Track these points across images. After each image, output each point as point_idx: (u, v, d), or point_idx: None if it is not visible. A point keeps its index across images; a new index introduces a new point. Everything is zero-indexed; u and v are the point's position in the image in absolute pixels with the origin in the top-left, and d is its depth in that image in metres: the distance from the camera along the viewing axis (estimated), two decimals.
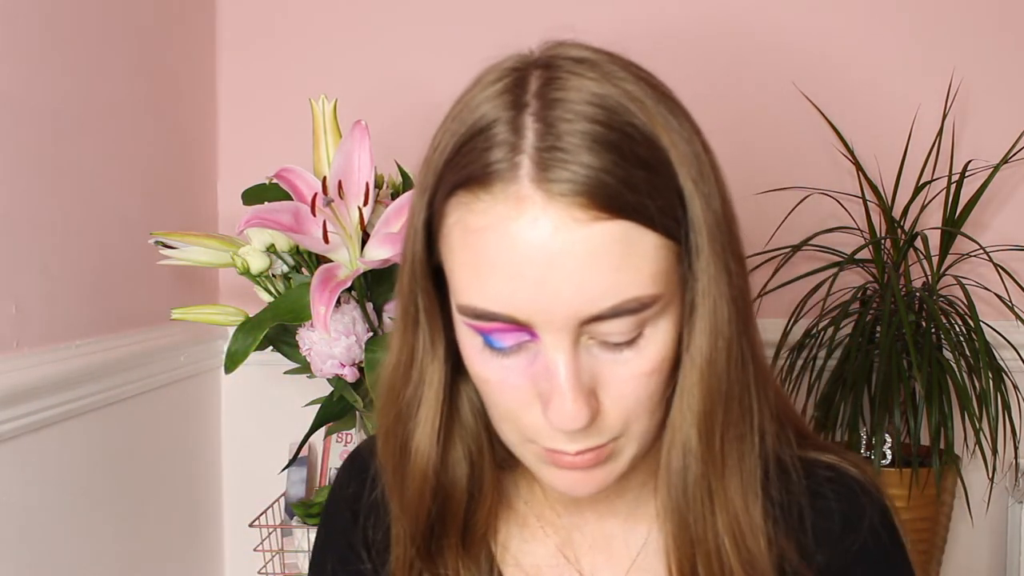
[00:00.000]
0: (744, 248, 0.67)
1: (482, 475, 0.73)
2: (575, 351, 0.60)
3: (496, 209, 0.59)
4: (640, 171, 0.59)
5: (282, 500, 1.63)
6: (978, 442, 1.41)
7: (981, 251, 1.50)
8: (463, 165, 0.61)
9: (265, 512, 1.56)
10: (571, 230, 0.57)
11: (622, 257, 0.58)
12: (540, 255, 0.58)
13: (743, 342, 0.66)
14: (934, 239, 1.55)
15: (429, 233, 0.65)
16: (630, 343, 0.61)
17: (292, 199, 1.24)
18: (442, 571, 0.73)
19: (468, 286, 0.61)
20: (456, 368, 0.69)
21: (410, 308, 0.68)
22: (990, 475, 1.44)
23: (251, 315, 1.28)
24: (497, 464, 0.74)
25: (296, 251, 1.30)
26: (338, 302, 1.21)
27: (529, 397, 0.63)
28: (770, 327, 1.55)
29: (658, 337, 0.62)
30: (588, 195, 0.57)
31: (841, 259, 1.56)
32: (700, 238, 0.62)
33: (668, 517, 0.68)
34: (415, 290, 0.67)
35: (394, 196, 1.29)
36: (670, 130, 0.62)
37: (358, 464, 0.83)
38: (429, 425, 0.69)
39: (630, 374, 0.62)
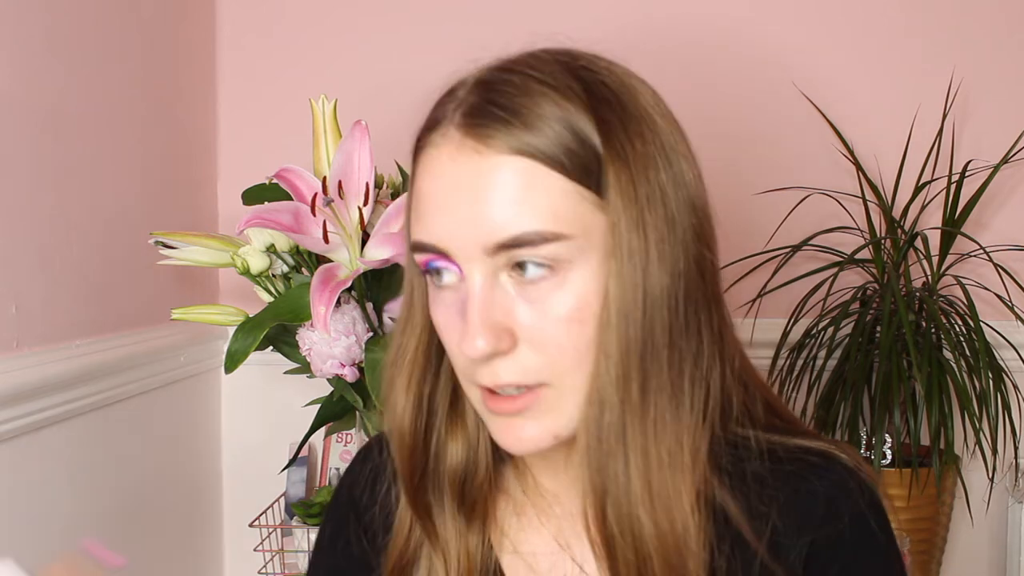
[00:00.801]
0: (704, 224, 0.70)
1: (477, 457, 0.76)
2: (490, 284, 0.66)
3: (430, 152, 0.68)
4: (553, 121, 0.65)
5: (282, 500, 1.63)
6: (978, 442, 1.41)
7: (981, 251, 1.50)
8: (423, 125, 0.71)
9: (265, 512, 1.56)
10: (478, 163, 0.65)
11: (523, 191, 0.64)
12: (454, 186, 0.66)
13: (678, 304, 0.67)
14: (934, 239, 1.55)
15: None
16: (541, 283, 0.65)
17: (292, 199, 1.24)
18: (439, 534, 0.77)
19: (413, 224, 0.69)
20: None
21: (407, 278, 0.75)
22: (990, 475, 1.44)
23: (251, 315, 1.28)
24: (496, 452, 0.77)
25: (296, 251, 1.30)
26: (338, 302, 1.21)
27: (461, 335, 0.67)
28: (770, 327, 1.55)
29: (574, 282, 0.65)
30: (495, 132, 0.65)
31: (841, 259, 1.56)
32: (615, 194, 0.65)
33: (583, 463, 0.69)
34: (408, 260, 0.73)
35: (394, 196, 1.29)
36: (604, 101, 0.67)
37: (366, 451, 0.87)
38: (404, 387, 0.74)
39: (544, 316, 0.65)
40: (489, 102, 0.66)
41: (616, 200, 0.65)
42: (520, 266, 0.65)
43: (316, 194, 1.20)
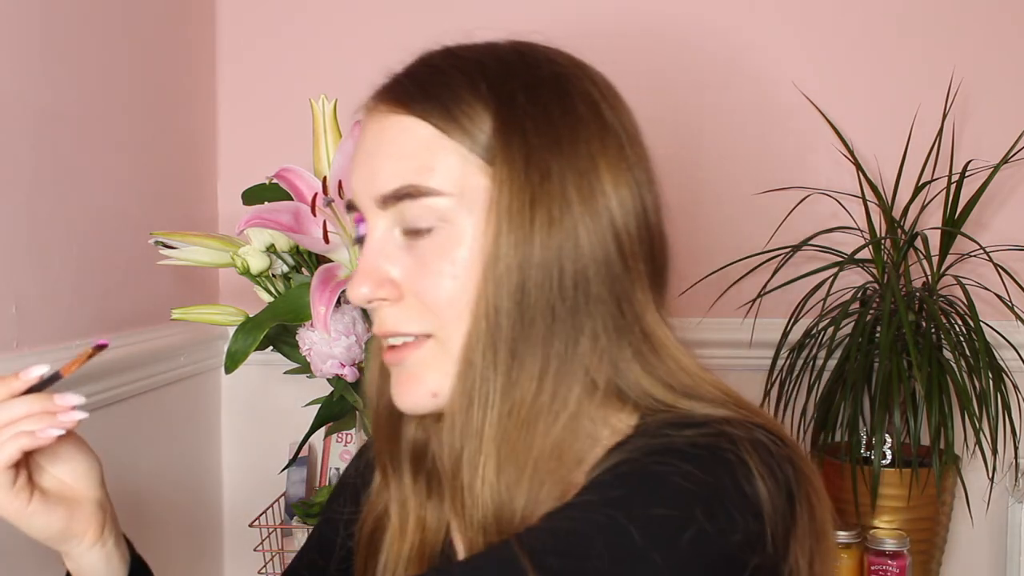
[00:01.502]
0: (622, 229, 0.69)
1: (428, 433, 0.80)
2: (383, 236, 0.70)
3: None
4: (450, 89, 0.69)
5: (282, 500, 1.63)
6: (978, 442, 1.41)
7: (981, 251, 1.50)
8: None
9: (265, 512, 1.56)
10: (376, 121, 0.72)
11: (406, 146, 0.69)
12: (362, 146, 0.72)
13: (556, 283, 0.67)
14: (934, 239, 1.55)
15: None
16: (423, 235, 0.69)
17: (292, 199, 1.24)
18: (398, 499, 0.80)
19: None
20: None
21: None
22: (990, 475, 1.44)
23: (251, 315, 1.28)
24: None
25: (296, 251, 1.30)
26: (338, 302, 1.21)
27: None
28: (770, 327, 1.55)
29: (452, 238, 0.68)
30: (391, 92, 0.72)
31: (841, 259, 1.56)
32: (501, 164, 0.68)
33: (447, 420, 0.70)
34: None
35: None
36: (509, 89, 0.69)
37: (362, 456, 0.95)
38: (374, 361, 0.79)
39: (426, 268, 0.69)
40: (407, 75, 0.73)
41: (502, 169, 0.68)
42: (410, 222, 0.69)
43: (316, 194, 1.20)
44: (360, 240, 0.73)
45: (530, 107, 0.69)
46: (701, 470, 0.63)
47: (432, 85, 0.70)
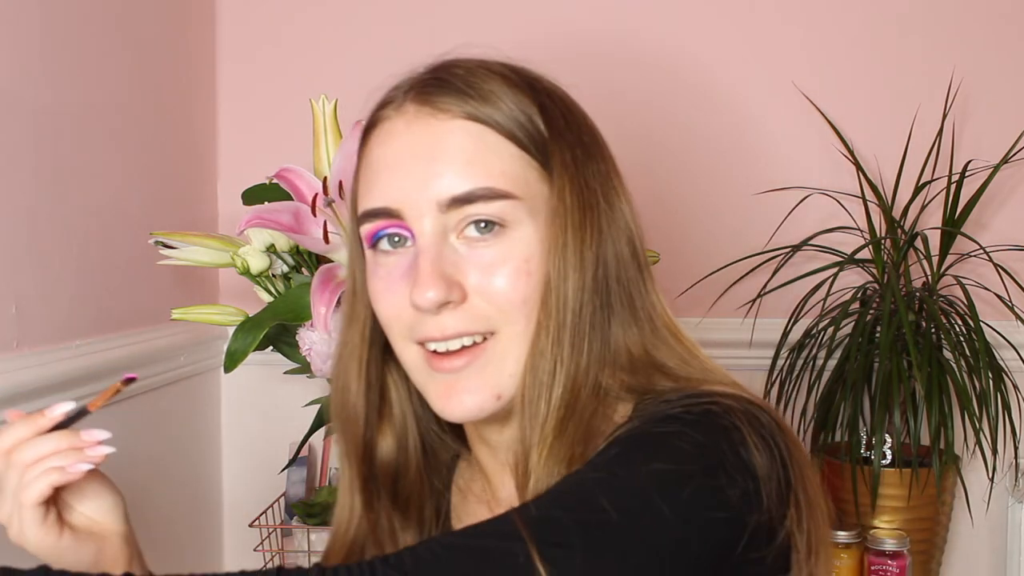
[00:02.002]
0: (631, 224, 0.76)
1: (407, 452, 0.82)
2: (440, 240, 0.71)
3: (383, 125, 0.75)
4: (501, 90, 0.72)
5: (282, 500, 1.63)
6: (978, 442, 1.41)
7: (981, 251, 1.50)
8: (372, 109, 0.78)
9: (265, 512, 1.56)
10: (433, 127, 0.71)
11: (476, 151, 0.70)
12: (409, 150, 0.71)
13: (603, 279, 0.73)
14: (934, 239, 1.55)
15: (355, 189, 0.77)
16: (489, 240, 0.71)
17: (292, 199, 1.24)
18: (378, 525, 0.82)
19: (362, 197, 0.74)
20: (384, 352, 0.79)
21: (351, 270, 0.80)
22: (990, 475, 1.44)
23: (251, 315, 1.28)
24: (425, 447, 0.83)
25: (296, 251, 1.30)
26: (338, 302, 1.21)
27: (408, 292, 0.72)
28: (770, 327, 1.55)
29: (518, 240, 0.71)
30: (449, 100, 0.71)
31: (841, 259, 1.56)
32: (560, 171, 0.72)
33: (520, 408, 0.73)
34: (353, 248, 0.79)
35: None
36: (547, 94, 0.74)
37: None
38: (356, 374, 0.80)
39: (493, 270, 0.70)
40: (442, 78, 0.73)
41: (560, 177, 0.72)
42: (469, 226, 0.71)
43: (316, 194, 1.20)
44: (375, 246, 0.74)
45: (567, 121, 0.74)
46: (697, 433, 0.66)
47: (488, 93, 0.72)
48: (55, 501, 0.77)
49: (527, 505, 0.65)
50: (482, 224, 0.71)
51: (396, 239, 0.73)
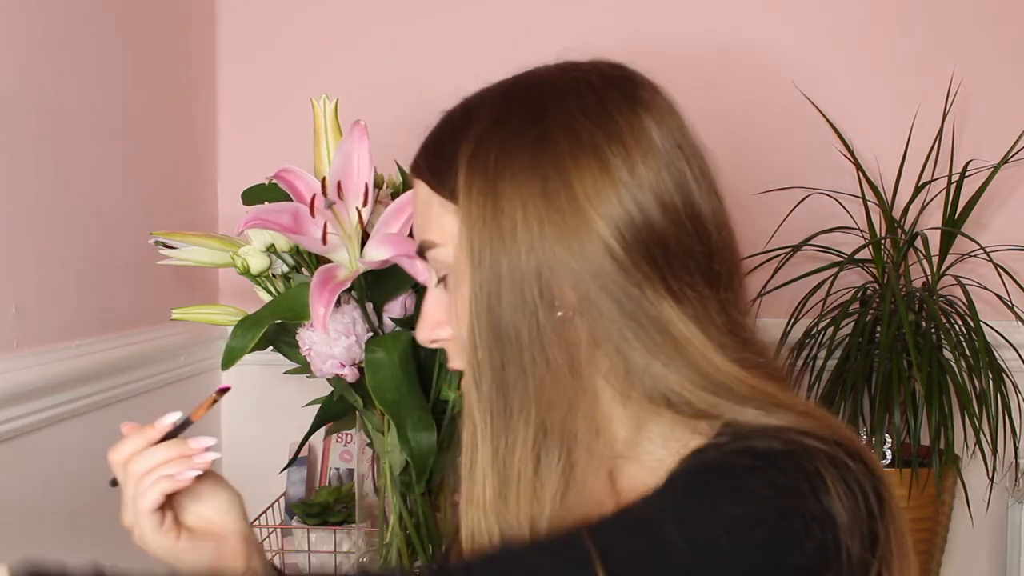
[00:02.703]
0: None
1: None
2: (432, 281, 0.76)
3: None
4: (443, 148, 0.74)
5: (282, 500, 1.63)
6: (978, 442, 1.41)
7: (981, 251, 1.50)
8: None
9: (265, 512, 1.56)
10: (415, 183, 0.77)
11: (422, 207, 0.75)
12: None
13: (508, 304, 0.68)
14: (934, 239, 1.55)
15: None
16: (443, 283, 0.74)
17: (292, 200, 1.24)
18: None
19: None
20: None
21: None
22: (990, 475, 1.44)
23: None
24: None
25: (296, 251, 1.29)
26: (338, 302, 1.21)
27: None
28: (770, 327, 1.55)
29: (456, 279, 0.72)
30: (416, 162, 0.77)
31: (841, 259, 1.56)
32: (462, 199, 0.71)
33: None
34: None
35: (394, 196, 1.29)
36: (471, 138, 0.72)
37: None
38: None
39: (451, 312, 0.73)
40: (424, 139, 0.78)
41: (462, 207, 0.71)
42: (434, 272, 0.75)
43: (315, 195, 1.20)
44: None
45: (495, 144, 0.71)
46: (778, 476, 0.62)
47: (430, 149, 0.76)
48: (171, 506, 0.82)
49: (593, 526, 0.63)
50: (437, 270, 0.75)
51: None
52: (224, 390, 0.87)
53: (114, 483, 0.85)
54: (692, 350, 0.68)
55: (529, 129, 0.70)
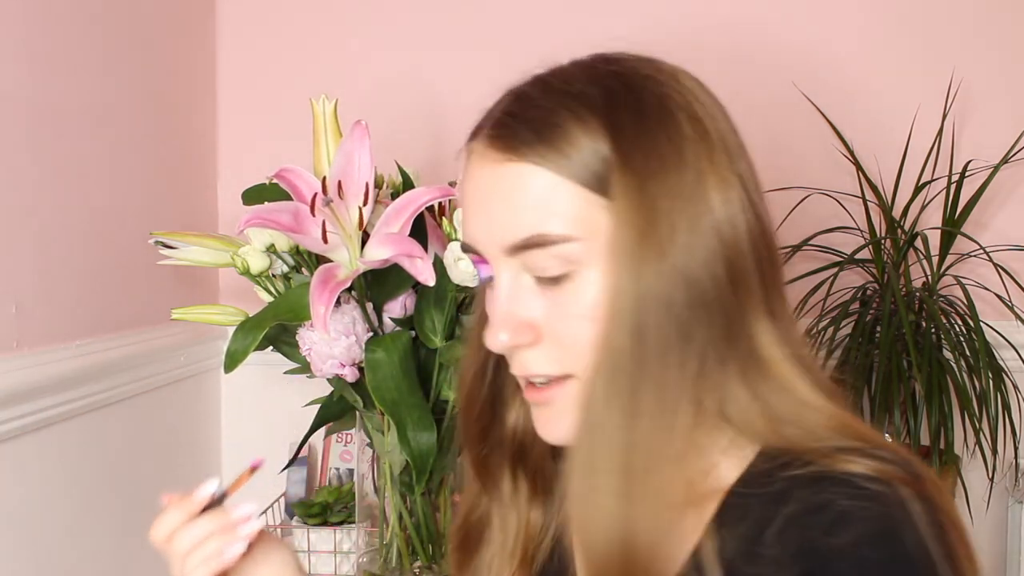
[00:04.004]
0: (734, 234, 0.68)
1: (527, 430, 0.79)
2: (515, 281, 0.69)
3: (469, 159, 0.72)
4: (568, 133, 0.67)
5: (282, 500, 1.63)
6: (978, 442, 1.41)
7: (981, 251, 1.50)
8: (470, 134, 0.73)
9: (265, 512, 1.56)
10: (490, 169, 0.68)
11: (527, 196, 0.67)
12: (480, 191, 0.70)
13: (672, 310, 0.65)
14: (934, 239, 1.55)
15: None
16: (558, 282, 0.67)
17: (292, 199, 1.24)
18: (501, 500, 0.81)
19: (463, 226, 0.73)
20: None
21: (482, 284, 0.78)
22: (990, 475, 1.44)
23: (251, 315, 1.28)
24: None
25: (296, 251, 1.30)
26: (338, 302, 1.21)
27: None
28: None
29: (587, 283, 0.67)
30: (500, 139, 0.68)
31: (841, 259, 1.56)
32: (620, 197, 0.66)
33: (571, 463, 0.69)
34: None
35: (394, 196, 1.29)
36: (624, 108, 0.68)
37: None
38: (474, 360, 0.79)
39: (563, 313, 0.67)
40: (513, 115, 0.69)
41: (619, 204, 0.66)
42: (540, 270, 0.67)
43: (316, 194, 1.20)
44: (486, 281, 0.72)
45: (639, 137, 0.67)
46: (884, 553, 0.61)
47: (542, 126, 0.67)
48: (224, 573, 0.79)
49: None
50: (548, 267, 0.67)
51: (488, 269, 0.71)
52: (257, 466, 0.86)
53: None
54: (773, 376, 0.69)
55: (665, 122, 0.69)
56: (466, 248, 0.72)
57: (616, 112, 0.67)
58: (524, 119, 0.68)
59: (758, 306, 0.68)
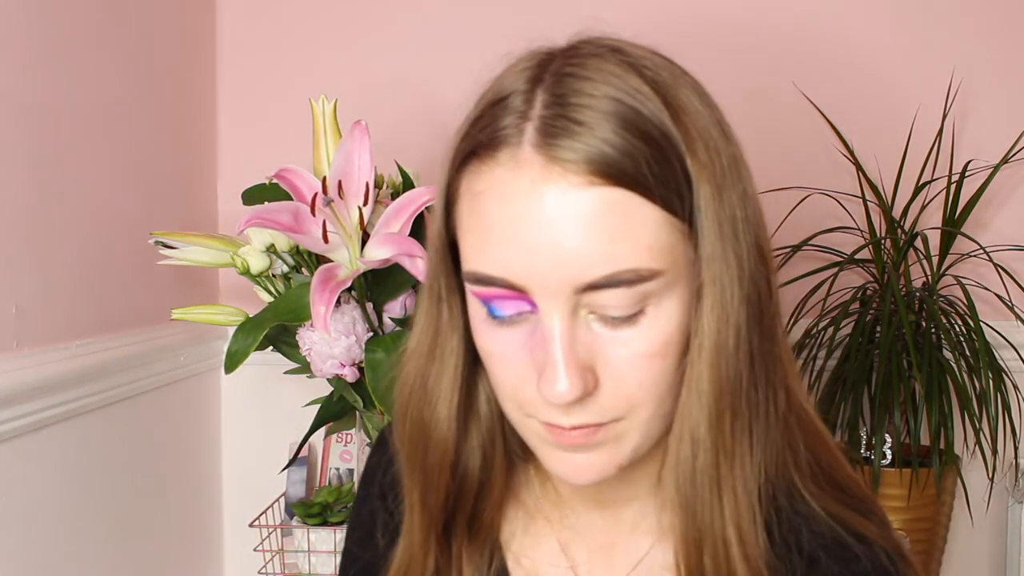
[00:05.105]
0: (769, 247, 0.66)
1: (493, 466, 0.73)
2: (571, 322, 0.60)
3: (497, 173, 0.60)
4: (642, 144, 0.59)
5: (282, 500, 1.63)
6: (978, 442, 1.41)
7: (981, 251, 1.50)
8: (474, 134, 0.62)
9: (265, 512, 1.56)
10: (568, 195, 0.58)
11: (619, 226, 0.58)
12: (537, 219, 0.58)
13: (755, 337, 0.63)
14: (934, 239, 1.55)
15: (448, 208, 0.65)
16: (630, 320, 0.60)
17: (292, 199, 1.24)
18: (449, 558, 0.74)
19: (472, 251, 0.62)
20: (475, 358, 0.69)
21: (434, 285, 0.69)
22: (990, 475, 1.44)
23: (251, 315, 1.28)
24: (509, 457, 0.74)
25: (296, 251, 1.30)
26: (338, 302, 1.21)
27: (527, 370, 0.62)
28: None
29: (661, 318, 0.60)
30: (586, 161, 0.58)
31: (841, 259, 1.56)
32: (707, 221, 0.61)
33: (675, 509, 0.66)
34: (437, 266, 0.68)
35: (394, 196, 1.29)
36: (685, 113, 0.62)
37: (383, 444, 0.84)
38: (448, 398, 0.69)
39: (630, 354, 0.61)
40: (566, 119, 0.59)
41: (707, 226, 0.61)
42: (616, 307, 0.60)
43: (316, 194, 1.20)
44: (497, 320, 0.63)
45: (704, 140, 0.62)
46: None
47: (623, 142, 0.58)
48: None
49: None
50: (618, 306, 0.60)
51: (513, 307, 0.61)
52: None
53: None
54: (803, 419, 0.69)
55: (725, 136, 0.66)
56: (488, 281, 0.61)
57: (682, 123, 0.62)
58: (587, 127, 0.59)
59: (779, 339, 0.67)
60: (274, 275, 1.31)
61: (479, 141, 0.61)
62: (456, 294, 0.68)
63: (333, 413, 1.33)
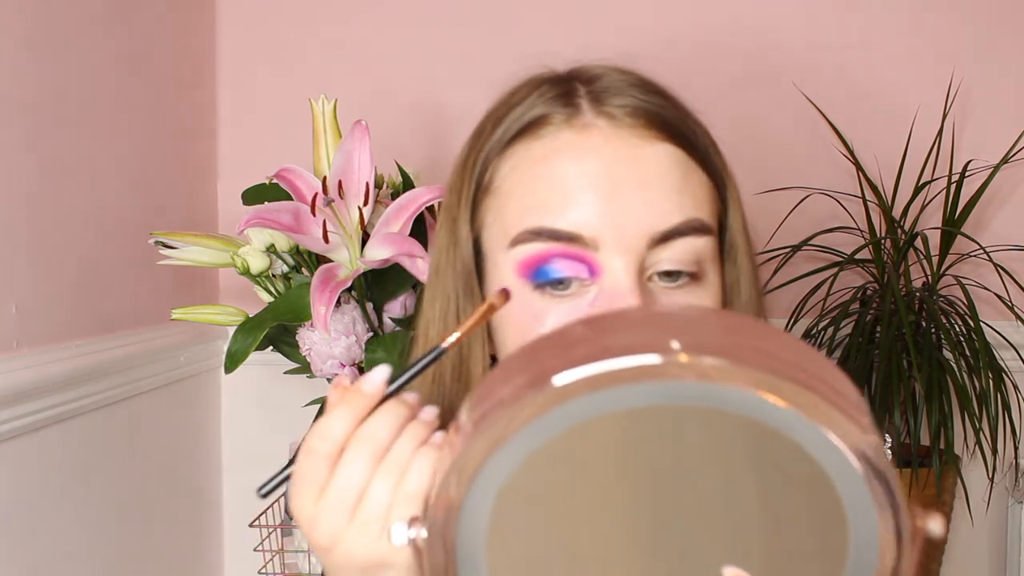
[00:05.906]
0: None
1: None
2: (632, 277, 0.60)
3: (562, 136, 0.63)
4: (686, 113, 0.66)
5: (282, 500, 1.63)
6: (978, 442, 1.41)
7: (981, 251, 1.50)
8: (517, 118, 0.65)
9: (265, 512, 1.55)
10: (637, 148, 0.62)
11: (682, 180, 0.62)
12: (609, 173, 0.61)
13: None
14: (934, 239, 1.55)
15: (475, 201, 0.66)
16: (688, 285, 0.62)
17: (292, 199, 1.24)
18: None
19: (531, 210, 0.62)
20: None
21: (452, 302, 0.67)
22: (990, 475, 1.44)
23: (251, 315, 1.28)
24: None
25: (296, 251, 1.30)
26: (338, 302, 1.21)
27: None
28: None
29: (710, 283, 0.64)
30: (648, 118, 0.63)
31: (841, 259, 1.56)
32: (733, 202, 0.67)
33: None
34: (459, 275, 0.66)
35: (394, 196, 1.29)
36: (696, 114, 0.68)
37: None
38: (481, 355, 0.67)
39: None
40: (612, 92, 0.64)
41: (733, 205, 0.67)
42: (667, 274, 0.61)
43: (316, 194, 1.20)
44: (538, 278, 0.61)
45: (710, 141, 0.68)
46: None
47: (682, 112, 0.65)
48: None
49: None
50: (675, 273, 0.61)
51: (565, 279, 0.61)
52: (506, 294, 0.58)
53: (264, 492, 0.54)
54: None
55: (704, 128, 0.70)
56: (553, 236, 0.60)
57: (696, 120, 0.68)
58: (658, 96, 0.65)
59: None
60: (274, 275, 1.31)
61: (530, 119, 0.64)
62: (480, 299, 0.66)
63: None
